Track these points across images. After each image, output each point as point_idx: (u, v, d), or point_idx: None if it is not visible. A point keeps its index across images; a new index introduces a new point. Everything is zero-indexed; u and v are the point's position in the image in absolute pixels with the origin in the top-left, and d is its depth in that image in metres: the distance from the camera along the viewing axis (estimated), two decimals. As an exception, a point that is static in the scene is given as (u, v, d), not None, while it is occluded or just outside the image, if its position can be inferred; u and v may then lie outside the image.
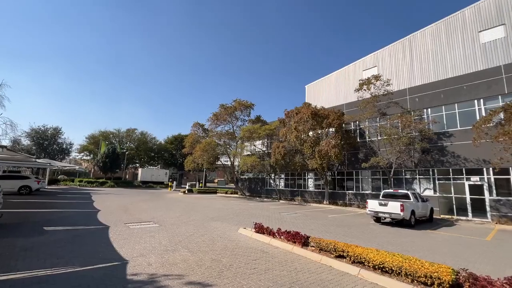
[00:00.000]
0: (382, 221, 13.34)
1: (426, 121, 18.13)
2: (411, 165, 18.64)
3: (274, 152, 24.09)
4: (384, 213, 12.24)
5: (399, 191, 13.92)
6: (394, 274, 4.91)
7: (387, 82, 19.95)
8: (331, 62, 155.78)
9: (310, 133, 22.51)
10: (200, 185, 41.19)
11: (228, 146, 32.07)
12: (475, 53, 21.11)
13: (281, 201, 26.08)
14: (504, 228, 13.06)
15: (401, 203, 11.64)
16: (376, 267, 5.18)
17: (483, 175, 15.68)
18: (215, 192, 34.41)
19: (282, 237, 7.76)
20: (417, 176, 18.56)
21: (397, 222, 12.60)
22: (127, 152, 47.81)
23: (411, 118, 17.87)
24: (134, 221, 10.31)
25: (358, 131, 22.76)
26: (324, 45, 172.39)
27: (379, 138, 20.06)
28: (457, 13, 22.64)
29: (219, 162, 33.75)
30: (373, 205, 12.69)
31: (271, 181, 29.72)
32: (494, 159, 13.93)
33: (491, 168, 15.18)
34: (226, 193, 34.05)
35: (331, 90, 31.70)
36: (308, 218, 13.86)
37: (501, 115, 13.67)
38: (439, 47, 23.20)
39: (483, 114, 15.63)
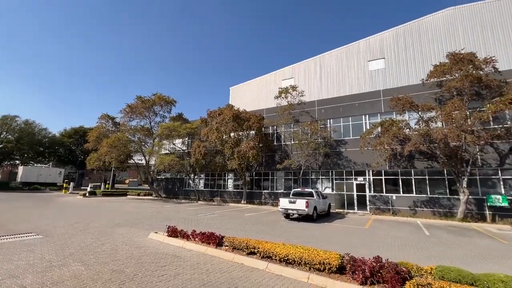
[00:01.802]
0: (291, 217, 14.81)
1: (328, 129, 21.28)
2: (316, 167, 21.49)
3: (195, 152, 23.44)
4: (292, 210, 13.63)
5: (306, 190, 15.80)
6: (296, 265, 5.49)
7: (301, 93, 22.42)
8: (255, 68, 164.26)
9: (232, 134, 22.99)
10: (107, 186, 35.91)
11: (143, 143, 29.18)
12: (365, 78, 26.21)
13: (199, 202, 25.55)
14: (377, 218, 16.61)
15: (306, 200, 13.24)
16: (282, 260, 5.68)
17: (366, 176, 19.57)
18: (125, 194, 30.65)
19: (196, 239, 7.57)
20: (320, 177, 21.54)
21: (303, 218, 14.22)
22: (0, 146, 37.20)
23: (318, 126, 20.65)
24: (4, 234, 8.07)
25: (275, 135, 24.67)
26: (250, 52, 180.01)
27: (292, 142, 22.31)
28: (354, 43, 27.57)
29: (131, 161, 30.34)
30: (284, 203, 13.96)
31: (190, 182, 28.76)
32: (373, 163, 17.60)
33: (371, 170, 19.09)
34: (138, 195, 30.85)
35: (254, 94, 33.29)
36: (225, 218, 14.04)
37: (379, 129, 17.40)
38: (341, 69, 27.69)
39: (368, 127, 19.51)
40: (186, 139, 30.15)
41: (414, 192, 17.83)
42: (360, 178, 19.77)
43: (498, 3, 22.00)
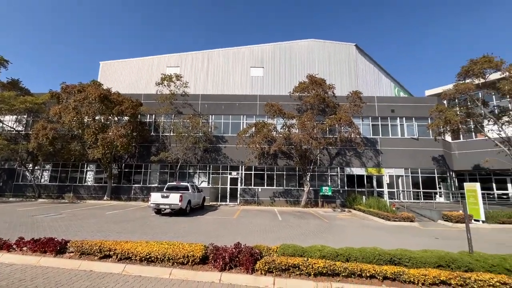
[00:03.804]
0: (162, 212, 14.06)
1: (210, 125, 21.77)
2: (195, 161, 21.50)
3: (38, 135, 17.96)
4: (165, 204, 12.98)
5: (181, 183, 15.48)
6: (158, 262, 5.23)
7: (185, 84, 21.63)
8: (136, 49, 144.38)
9: (97, 117, 19.24)
10: None
11: None
12: (247, 81, 28.72)
13: (40, 200, 19.79)
14: (245, 208, 18.57)
15: (180, 194, 12.97)
16: (144, 259, 5.26)
17: (239, 171, 21.47)
18: None
19: (25, 248, 5.79)
20: (198, 171, 21.73)
21: (176, 212, 13.83)
22: None
23: (200, 121, 20.68)
24: None
25: (153, 124, 22.70)
26: (131, 27, 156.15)
27: (171, 134, 21.23)
28: (240, 48, 29.63)
29: None
30: (155, 197, 13.07)
31: (27, 174, 21.74)
32: (246, 160, 19.56)
33: (243, 166, 21.13)
34: None
35: (131, 76, 29.30)
36: (77, 219, 11.54)
37: (253, 129, 19.51)
38: (227, 68, 29.02)
39: (244, 126, 21.44)
40: (25, 116, 22.57)
41: (275, 185, 21.26)
42: (234, 173, 21.45)
43: (339, 46, 29.80)
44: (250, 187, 21.21)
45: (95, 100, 17.97)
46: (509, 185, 21.92)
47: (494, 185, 22.55)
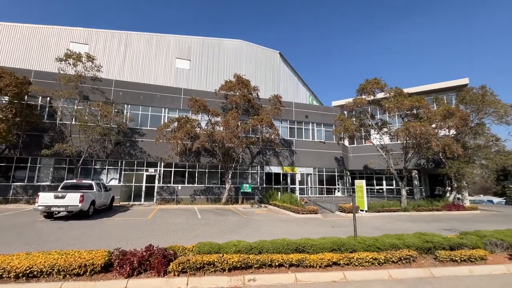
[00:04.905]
0: (55, 215, 11.69)
1: (124, 115, 19.39)
2: (103, 155, 18.75)
3: None
4: (59, 206, 10.82)
5: (83, 181, 13.27)
6: (44, 276, 4.32)
7: (98, 67, 18.27)
8: (22, 11, 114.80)
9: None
10: None
11: None
12: (171, 72, 26.96)
13: None
14: (162, 207, 17.39)
15: (82, 194, 11.08)
16: (22, 275, 4.24)
17: (157, 167, 19.94)
18: None
19: None
20: (107, 167, 19.03)
21: (74, 215, 11.71)
22: None
23: (112, 110, 18.12)
24: None
25: (48, 109, 18.55)
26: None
27: (74, 122, 17.79)
28: (166, 35, 27.56)
29: None
30: (46, 198, 10.74)
31: None
32: (166, 156, 18.36)
33: (162, 162, 19.75)
34: None
35: (17, 45, 23.12)
36: None
37: (176, 124, 18.48)
38: (149, 55, 26.47)
39: (166, 120, 20.07)
40: None
41: (196, 183, 20.75)
42: (151, 170, 19.79)
43: (265, 52, 31.50)
44: (169, 185, 20.01)
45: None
46: (384, 182, 27.99)
47: (375, 181, 28.38)
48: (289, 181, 24.21)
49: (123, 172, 19.17)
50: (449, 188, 22.28)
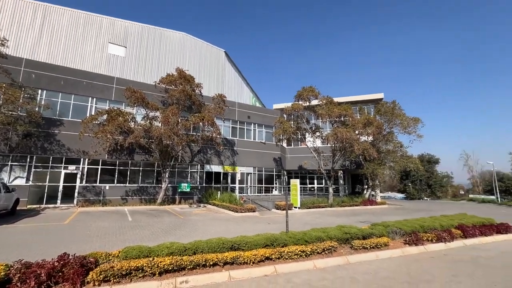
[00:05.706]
0: None
1: (37, 102, 16.34)
2: (6, 149, 15.42)
3: None
4: None
5: (-26, 180, 10.63)
6: None
7: (3, 41, 14.76)
8: None
9: None
10: None
11: None
12: (102, 58, 23.95)
13: None
14: (85, 210, 15.30)
15: (-30, 196, 8.88)
16: None
17: (80, 164, 17.44)
18: None
19: None
20: (10, 163, 15.69)
21: (-44, 223, 9.29)
22: None
23: (20, 95, 15.01)
24: None
25: None
26: None
27: (-39, 106, 14.06)
28: (97, 16, 24.33)
29: None
30: None
31: None
32: (91, 151, 16.24)
33: (87, 159, 17.40)
34: None
35: None
36: None
37: (105, 116, 16.51)
38: (74, 35, 22.94)
39: (93, 112, 17.74)
40: None
41: (128, 183, 18.94)
42: (72, 167, 17.19)
43: (211, 49, 31.04)
44: (94, 184, 17.72)
45: None
46: (315, 181, 30.78)
47: (308, 181, 30.96)
48: (229, 180, 24.33)
49: (33, 170, 16.10)
50: (366, 186, 25.94)
